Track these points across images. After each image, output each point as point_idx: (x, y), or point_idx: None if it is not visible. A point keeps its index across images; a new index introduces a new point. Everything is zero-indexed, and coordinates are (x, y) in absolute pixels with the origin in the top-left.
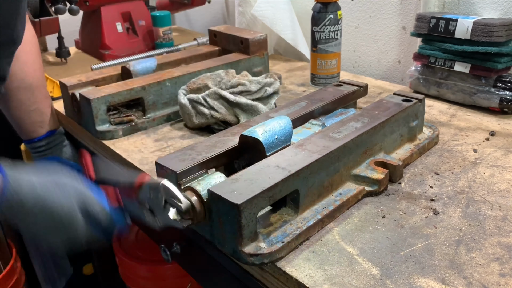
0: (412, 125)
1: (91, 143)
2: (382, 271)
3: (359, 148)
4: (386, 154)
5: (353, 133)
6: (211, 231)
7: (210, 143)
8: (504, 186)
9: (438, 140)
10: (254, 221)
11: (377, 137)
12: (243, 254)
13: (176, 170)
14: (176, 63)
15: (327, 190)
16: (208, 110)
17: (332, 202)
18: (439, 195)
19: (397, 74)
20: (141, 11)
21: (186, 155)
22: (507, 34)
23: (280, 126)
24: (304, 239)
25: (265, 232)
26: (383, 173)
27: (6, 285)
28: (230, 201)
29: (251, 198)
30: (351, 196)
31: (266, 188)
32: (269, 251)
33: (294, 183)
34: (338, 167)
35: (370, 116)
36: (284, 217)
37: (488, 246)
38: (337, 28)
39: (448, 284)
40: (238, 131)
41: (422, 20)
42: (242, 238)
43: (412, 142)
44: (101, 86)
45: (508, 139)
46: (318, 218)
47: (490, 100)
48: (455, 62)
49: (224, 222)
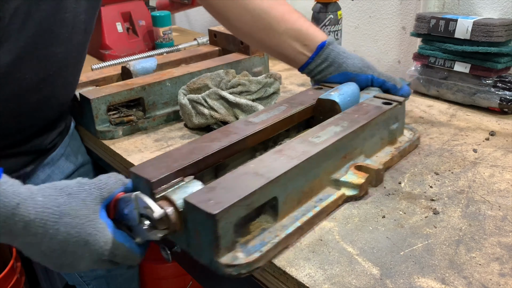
0: (393, 128)
1: (91, 143)
2: (382, 271)
3: (339, 153)
4: (367, 157)
5: (332, 137)
6: (188, 241)
7: (187, 150)
8: (504, 186)
9: (419, 142)
10: (231, 230)
11: (357, 141)
12: (220, 265)
13: (150, 179)
14: (176, 63)
15: (307, 196)
16: (208, 110)
17: (312, 208)
18: (439, 195)
19: (397, 74)
20: (141, 11)
21: (162, 162)
22: (507, 34)
23: (351, 90)
24: (284, 247)
25: (243, 241)
26: (363, 178)
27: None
28: (205, 211)
29: (228, 208)
30: (331, 202)
31: (243, 196)
32: (247, 261)
33: (273, 190)
34: (318, 172)
35: (350, 120)
36: (263, 224)
37: (488, 246)
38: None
39: (448, 284)
40: (218, 137)
41: (422, 20)
42: (219, 249)
43: (392, 145)
44: (101, 86)
45: (508, 139)
46: (297, 226)
47: (490, 100)
48: (455, 62)
49: (200, 232)
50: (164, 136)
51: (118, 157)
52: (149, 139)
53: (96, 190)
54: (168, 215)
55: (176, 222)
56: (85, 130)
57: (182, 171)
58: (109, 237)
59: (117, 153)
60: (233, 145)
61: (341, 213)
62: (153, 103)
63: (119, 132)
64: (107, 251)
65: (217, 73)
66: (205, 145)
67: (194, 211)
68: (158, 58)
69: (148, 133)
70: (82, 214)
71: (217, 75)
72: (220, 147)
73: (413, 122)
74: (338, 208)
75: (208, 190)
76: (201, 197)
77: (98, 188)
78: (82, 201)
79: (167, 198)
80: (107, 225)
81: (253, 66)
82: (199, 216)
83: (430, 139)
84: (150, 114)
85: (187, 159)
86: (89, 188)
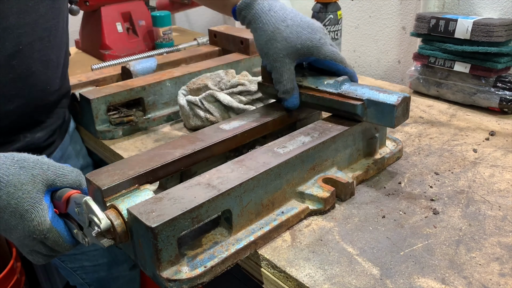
0: (372, 139)
1: (91, 143)
2: (382, 271)
3: (305, 164)
4: (339, 169)
5: (298, 148)
6: (134, 252)
7: (147, 157)
8: (504, 186)
9: (402, 154)
10: (173, 244)
11: (327, 152)
12: (161, 278)
13: (101, 187)
14: (176, 63)
15: (268, 209)
16: (203, 113)
17: (270, 222)
18: (439, 195)
19: (397, 74)
20: (141, 11)
21: (118, 169)
22: (507, 34)
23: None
24: (233, 262)
25: (192, 254)
26: (329, 191)
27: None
28: (145, 224)
29: (170, 220)
30: (292, 215)
31: (188, 209)
32: (189, 277)
33: (225, 203)
34: (280, 185)
35: (322, 130)
36: (216, 237)
37: (488, 246)
38: (337, 28)
39: (448, 284)
40: (183, 144)
41: (422, 20)
42: (160, 262)
43: (371, 157)
44: (101, 86)
45: (508, 139)
46: (250, 240)
47: (490, 100)
48: (455, 62)
49: (143, 244)
50: (164, 136)
51: (118, 157)
52: (149, 139)
53: (51, 174)
54: (115, 226)
55: (122, 234)
56: (85, 130)
57: (137, 178)
58: (45, 220)
59: (117, 153)
60: (197, 152)
61: (341, 213)
62: (153, 103)
63: (119, 132)
64: (39, 231)
65: (217, 73)
66: (167, 152)
67: (136, 222)
68: (158, 58)
69: (148, 133)
70: (26, 189)
71: (217, 75)
72: (182, 154)
73: (413, 122)
74: (301, 221)
75: (154, 200)
76: (144, 208)
77: (54, 173)
78: (31, 177)
79: (115, 207)
80: (48, 208)
81: (253, 66)
82: (140, 228)
83: (430, 139)
84: (150, 114)
85: (145, 166)
86: (46, 168)
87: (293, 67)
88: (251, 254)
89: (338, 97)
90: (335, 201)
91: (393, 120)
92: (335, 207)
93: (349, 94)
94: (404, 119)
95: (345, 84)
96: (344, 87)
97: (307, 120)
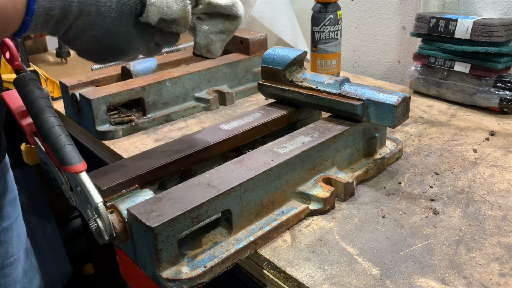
0: (372, 139)
1: (91, 143)
2: (382, 271)
3: (305, 164)
4: (339, 169)
5: (298, 148)
6: (134, 252)
7: (147, 157)
8: (504, 186)
9: (402, 154)
10: (173, 244)
11: (328, 152)
12: (161, 278)
13: (101, 187)
14: (176, 63)
15: (268, 209)
16: None
17: (270, 222)
18: (439, 195)
19: (397, 74)
20: None
21: (118, 169)
22: (507, 34)
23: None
24: (233, 262)
25: (192, 254)
26: (329, 191)
27: None
28: (145, 224)
29: (169, 221)
30: (291, 215)
31: (188, 209)
32: (189, 277)
33: (225, 203)
34: (280, 185)
35: (322, 130)
36: (216, 237)
37: (488, 246)
38: (337, 28)
39: (448, 284)
40: (183, 144)
41: (422, 20)
42: (160, 262)
43: (371, 157)
44: (101, 86)
45: (508, 139)
46: (250, 240)
47: (490, 100)
48: (455, 62)
49: (143, 244)
50: (164, 136)
51: (118, 157)
52: (149, 139)
53: None
54: (115, 227)
55: (123, 232)
56: (85, 131)
57: (137, 179)
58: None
59: (117, 153)
60: (197, 152)
61: (341, 213)
62: (153, 103)
63: (119, 132)
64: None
65: None
66: (167, 152)
67: (136, 222)
68: (158, 58)
69: (148, 133)
70: None
71: None
72: (182, 154)
73: (413, 122)
74: (301, 222)
75: (154, 200)
76: (144, 208)
77: None
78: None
79: (115, 207)
80: None
81: (253, 66)
82: (140, 228)
83: (430, 139)
84: (150, 114)
85: (145, 166)
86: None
87: None
88: (251, 254)
89: (338, 97)
90: (335, 201)
91: (393, 120)
92: (335, 207)
93: (349, 94)
94: (404, 119)
95: (345, 84)
96: (344, 87)
97: (307, 120)
